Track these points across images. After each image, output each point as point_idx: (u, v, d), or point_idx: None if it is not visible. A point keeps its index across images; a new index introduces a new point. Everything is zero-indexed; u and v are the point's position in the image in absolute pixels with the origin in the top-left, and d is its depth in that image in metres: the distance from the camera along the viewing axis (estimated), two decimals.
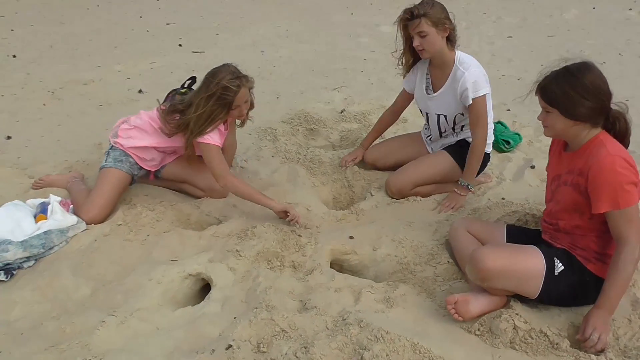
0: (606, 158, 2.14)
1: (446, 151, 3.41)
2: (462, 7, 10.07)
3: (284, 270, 2.69)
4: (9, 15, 8.77)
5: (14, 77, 5.62)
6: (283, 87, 5.45)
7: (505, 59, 6.52)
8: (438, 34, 3.04)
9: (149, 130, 3.20)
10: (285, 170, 3.68)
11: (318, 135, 4.35)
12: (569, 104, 2.18)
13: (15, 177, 3.56)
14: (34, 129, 4.34)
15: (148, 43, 7.20)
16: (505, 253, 2.32)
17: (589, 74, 2.18)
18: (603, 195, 2.15)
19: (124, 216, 3.07)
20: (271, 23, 8.55)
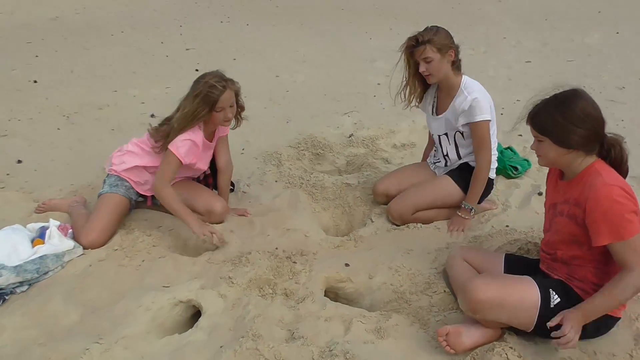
0: (603, 188, 2.07)
1: (448, 175, 3.35)
2: (482, 32, 10.04)
3: (276, 298, 2.64)
4: (35, 41, 9.03)
5: (33, 101, 5.75)
6: (294, 112, 5.46)
7: (521, 84, 6.43)
8: (443, 59, 3.07)
9: (140, 152, 3.25)
10: (287, 196, 3.65)
11: (324, 160, 4.33)
12: (560, 132, 2.13)
13: (21, 200, 3.61)
14: (45, 153, 4.41)
15: (166, 68, 7.32)
16: (498, 284, 2.25)
17: (579, 101, 2.14)
18: (603, 228, 2.07)
19: (121, 241, 3.07)
20: (289, 48, 8.62)
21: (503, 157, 3.93)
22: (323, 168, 4.25)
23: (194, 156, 3.14)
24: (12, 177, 3.97)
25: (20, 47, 8.61)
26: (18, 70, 7.14)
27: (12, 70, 7.18)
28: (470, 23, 11.10)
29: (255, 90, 6.22)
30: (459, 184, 3.29)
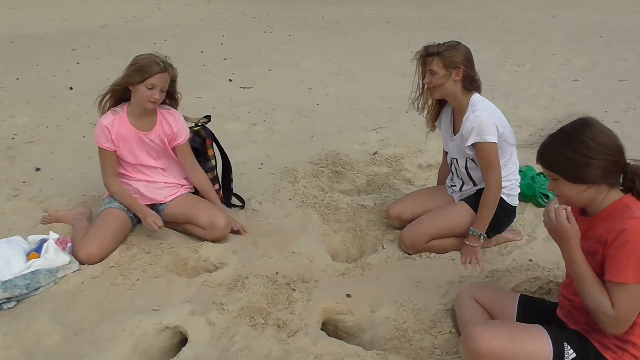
0: (633, 222, 1.80)
1: (465, 202, 3.12)
2: (530, 48, 9.65)
3: (266, 329, 2.46)
4: (80, 48, 9.24)
5: (64, 108, 5.81)
6: (320, 126, 5.30)
7: (565, 104, 6.06)
8: (448, 75, 2.89)
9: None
10: (298, 215, 3.48)
11: (343, 178, 4.14)
12: (572, 168, 1.88)
13: (30, 210, 3.57)
14: (65, 161, 4.40)
15: (200, 77, 7.30)
16: (504, 333, 2.00)
17: (588, 131, 1.88)
18: (631, 262, 1.78)
19: (119, 257, 2.98)
20: (327, 60, 8.49)
21: (534, 183, 3.65)
22: (342, 187, 4.06)
23: (105, 139, 3.10)
24: (28, 185, 3.96)
25: (64, 54, 8.82)
26: (58, 77, 7.29)
27: (52, 76, 7.34)
28: (520, 38, 10.70)
29: (284, 102, 6.12)
30: (476, 211, 3.04)
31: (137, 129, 3.15)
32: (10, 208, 3.59)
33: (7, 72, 7.52)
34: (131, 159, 3.21)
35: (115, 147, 3.14)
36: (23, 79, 7.19)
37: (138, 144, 3.18)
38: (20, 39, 10.38)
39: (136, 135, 3.15)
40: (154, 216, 3.11)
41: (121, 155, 3.18)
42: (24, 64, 8.11)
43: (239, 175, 4.10)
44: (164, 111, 3.21)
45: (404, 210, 3.23)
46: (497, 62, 8.35)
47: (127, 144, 3.16)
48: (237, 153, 4.54)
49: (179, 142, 3.25)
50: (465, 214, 3.03)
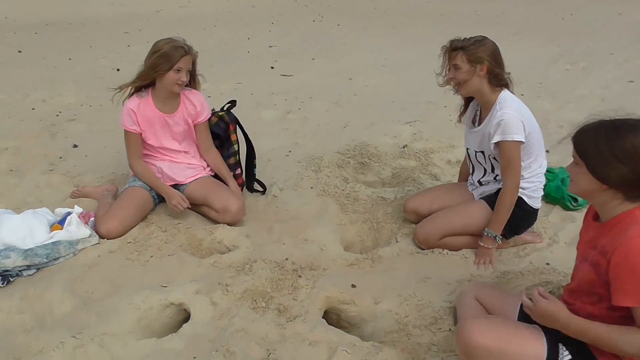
0: (636, 240, 1.69)
1: (484, 200, 3.04)
2: (587, 45, 9.27)
3: (267, 312, 2.49)
4: (133, 32, 9.53)
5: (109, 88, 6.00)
6: (354, 117, 5.27)
7: (615, 106, 5.73)
8: (472, 71, 2.81)
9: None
10: (316, 204, 3.49)
11: (369, 170, 4.11)
12: (598, 162, 1.77)
13: (62, 184, 3.73)
14: (101, 139, 4.56)
15: (244, 64, 7.40)
16: (499, 329, 1.95)
17: (634, 136, 1.74)
18: (629, 286, 1.70)
19: (137, 234, 3.07)
20: (372, 51, 8.43)
21: (564, 185, 3.52)
22: (366, 178, 4.04)
23: (131, 122, 3.18)
24: (64, 160, 4.12)
25: (117, 37, 9.11)
26: (107, 58, 7.54)
27: (102, 58, 7.60)
28: (577, 35, 10.29)
29: (322, 92, 6.13)
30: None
31: (162, 112, 3.22)
32: (45, 182, 3.75)
33: (61, 53, 7.84)
34: (155, 141, 3.29)
35: (141, 130, 3.22)
36: (75, 59, 7.48)
37: (162, 126, 3.26)
38: (79, 21, 10.80)
39: (161, 118, 3.23)
40: (178, 197, 3.18)
41: (145, 137, 3.27)
42: (78, 45, 8.43)
43: (265, 161, 4.15)
44: (186, 92, 3.28)
45: (421, 204, 3.18)
46: (549, 60, 8.07)
47: (152, 126, 3.24)
48: (267, 140, 4.60)
49: (202, 119, 3.32)
50: (482, 212, 2.95)
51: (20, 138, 4.53)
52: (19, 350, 2.25)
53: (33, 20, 10.85)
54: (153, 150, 3.32)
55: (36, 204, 3.37)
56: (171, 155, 3.34)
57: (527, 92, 6.08)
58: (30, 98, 5.71)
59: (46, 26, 10.30)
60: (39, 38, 9.18)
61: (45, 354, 2.19)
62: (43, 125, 4.89)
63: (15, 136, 4.56)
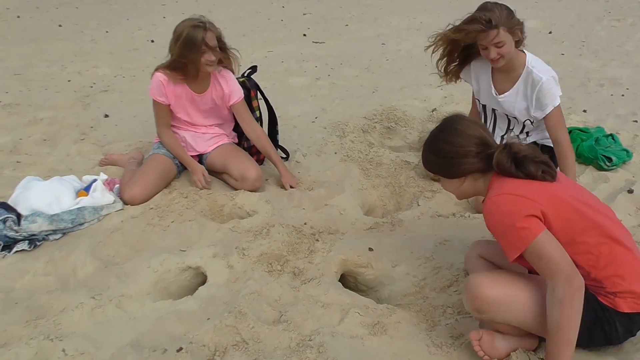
0: (489, 204, 1.86)
1: None
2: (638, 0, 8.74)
3: (282, 275, 2.50)
4: (169, 3, 9.57)
5: (143, 60, 6.08)
6: (385, 81, 5.17)
7: None
8: (513, 40, 2.73)
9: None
10: (339, 169, 3.46)
11: (395, 134, 4.04)
12: (443, 168, 2.05)
13: (92, 153, 3.82)
14: (132, 109, 4.63)
15: (275, 32, 7.34)
16: (506, 280, 1.92)
17: (442, 135, 2.02)
18: (504, 243, 1.83)
19: (159, 200, 3.11)
20: (408, 15, 8.21)
21: (597, 145, 3.38)
22: (392, 143, 3.96)
23: (160, 93, 3.17)
24: (95, 129, 4.22)
25: (154, 9, 9.18)
26: (143, 30, 7.62)
27: (138, 29, 7.68)
28: None
29: (354, 58, 6.03)
30: None
31: (192, 90, 3.22)
32: (75, 150, 3.85)
33: (99, 26, 7.97)
34: (183, 115, 3.30)
35: (169, 102, 3.24)
36: (112, 31, 7.59)
37: (191, 103, 3.26)
38: None
39: (190, 95, 3.23)
40: (200, 173, 3.21)
41: (174, 110, 3.28)
42: (116, 18, 8.55)
43: (291, 128, 4.13)
44: (217, 73, 3.24)
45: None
46: (595, 16, 7.68)
47: (180, 101, 3.24)
48: (294, 106, 4.57)
49: (234, 101, 3.29)
50: None
51: (55, 109, 4.64)
52: (43, 309, 2.33)
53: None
54: (180, 121, 3.34)
55: (66, 172, 3.46)
56: (197, 127, 3.35)
57: (568, 51, 5.82)
58: (67, 70, 5.85)
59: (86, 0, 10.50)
60: (79, 12, 9.35)
61: (66, 314, 2.26)
62: (77, 96, 5.00)
63: (50, 107, 4.68)
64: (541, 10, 8.23)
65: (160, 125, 3.31)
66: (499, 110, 3.02)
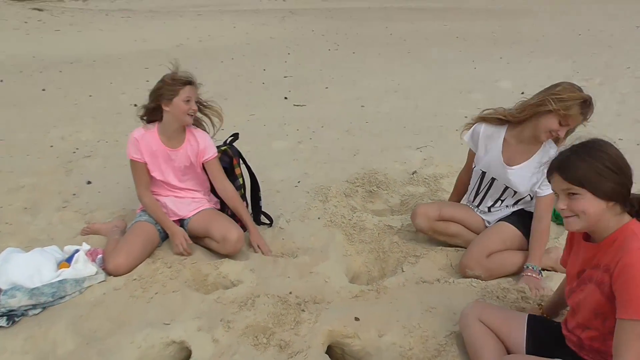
0: (638, 252, 1.71)
1: (504, 221, 3.12)
2: (604, 60, 9.17)
3: (268, 349, 2.47)
4: (152, 67, 9.71)
5: (126, 124, 6.10)
6: (365, 145, 5.27)
7: (631, 120, 5.71)
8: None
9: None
10: (323, 235, 3.48)
11: (377, 197, 4.10)
12: (599, 181, 1.79)
13: (74, 221, 3.79)
14: (115, 175, 4.64)
15: (257, 95, 7.49)
16: None
17: (609, 147, 1.83)
18: (633, 298, 1.69)
19: (143, 271, 3.09)
20: (385, 77, 8.47)
21: None
22: (374, 207, 4.02)
23: (135, 151, 3.24)
24: (77, 197, 4.20)
25: (137, 72, 9.32)
26: (126, 94, 7.71)
27: (121, 94, 7.78)
28: (594, 51, 10.20)
29: (334, 120, 6.15)
30: (520, 228, 3.06)
31: (166, 146, 3.27)
32: (57, 219, 3.82)
33: (83, 90, 8.05)
34: (159, 174, 3.34)
35: (145, 160, 3.28)
36: (95, 96, 7.67)
37: (166, 161, 3.31)
38: (102, 58, 11.10)
39: (165, 151, 3.28)
40: (181, 236, 3.22)
41: (150, 169, 3.32)
42: (100, 82, 8.66)
43: (274, 193, 4.16)
44: (193, 129, 3.33)
45: (430, 208, 3.23)
46: (564, 77, 7.94)
47: (155, 159, 3.29)
48: (277, 171, 4.62)
49: (207, 157, 3.35)
50: (511, 230, 3.05)
51: (37, 175, 4.63)
52: None
53: (58, 59, 11.19)
54: (158, 185, 3.37)
55: (47, 242, 3.42)
56: (175, 191, 3.38)
57: None
58: (49, 135, 5.86)
59: (71, 64, 10.60)
60: (63, 76, 9.44)
61: None
62: (60, 162, 5.00)
63: (32, 173, 4.67)
64: (513, 71, 8.55)
65: (139, 187, 3.33)
66: (499, 180, 3.10)
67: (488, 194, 3.19)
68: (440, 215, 3.20)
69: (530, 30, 13.26)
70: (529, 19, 16.12)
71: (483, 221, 3.23)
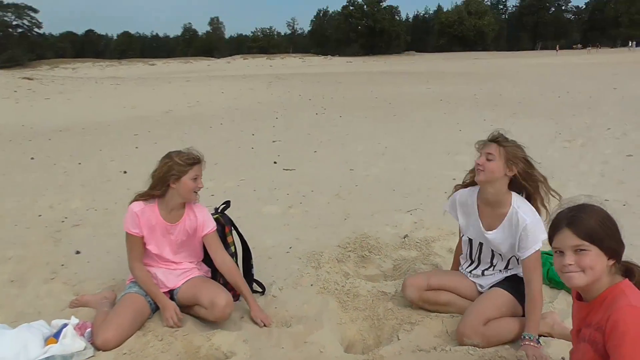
0: (629, 310, 1.75)
1: (498, 287, 3.10)
2: (585, 122, 9.43)
3: None
4: (142, 133, 9.86)
5: (116, 192, 6.14)
6: (356, 208, 5.30)
7: (615, 181, 5.81)
8: (503, 167, 2.90)
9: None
10: (317, 303, 3.44)
11: (370, 262, 4.08)
12: (606, 238, 1.86)
13: (62, 293, 3.72)
14: (104, 244, 4.60)
15: (247, 160, 7.56)
16: None
17: (604, 211, 1.93)
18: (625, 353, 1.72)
19: (133, 344, 3.00)
20: (373, 140, 8.62)
21: None
22: (367, 272, 4.00)
23: (134, 225, 3.19)
24: (66, 267, 4.14)
25: (126, 139, 9.42)
26: (116, 161, 7.76)
27: (111, 161, 7.82)
28: (575, 112, 10.50)
29: (324, 184, 6.20)
30: (513, 294, 3.03)
31: (166, 220, 3.26)
32: (45, 291, 3.75)
33: (72, 158, 8.09)
34: (155, 248, 3.31)
35: (143, 234, 3.25)
36: (85, 163, 7.70)
37: (164, 235, 3.28)
38: (92, 126, 11.22)
39: (163, 225, 3.26)
40: (172, 310, 3.16)
41: (146, 242, 3.29)
42: (89, 149, 8.71)
43: (266, 259, 4.14)
44: (191, 204, 3.32)
45: (419, 278, 3.24)
46: (547, 139, 8.19)
47: (153, 233, 3.27)
48: (268, 236, 4.61)
49: (207, 231, 3.33)
50: (505, 296, 3.01)
51: (25, 246, 4.58)
52: None
53: (48, 127, 11.30)
54: (150, 257, 3.34)
55: (34, 316, 3.35)
56: (167, 263, 3.35)
57: None
58: (38, 204, 5.84)
59: (60, 132, 10.71)
60: (52, 144, 9.51)
61: None
62: (48, 231, 4.96)
63: (20, 244, 4.62)
64: None
65: (132, 259, 3.29)
66: (485, 245, 3.12)
67: (481, 259, 3.21)
68: (428, 284, 3.20)
69: (510, 93, 13.68)
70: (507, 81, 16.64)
71: (475, 286, 3.23)
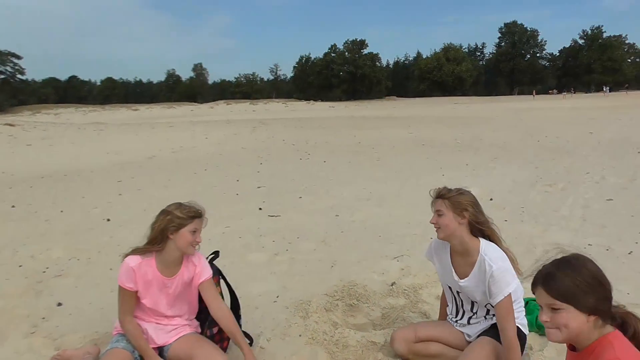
0: None
1: (485, 336, 3.05)
2: (564, 166, 9.61)
3: None
4: (125, 179, 9.80)
5: (98, 240, 6.05)
6: (342, 255, 5.29)
7: (597, 225, 5.89)
8: (455, 218, 2.92)
9: None
10: (306, 354, 3.39)
11: (358, 311, 4.05)
12: (584, 296, 1.85)
13: (43, 348, 3.61)
14: (87, 295, 4.51)
15: (232, 207, 7.54)
16: None
17: (589, 262, 1.93)
18: None
19: None
20: (357, 185, 8.67)
21: None
22: (356, 321, 3.95)
23: (129, 280, 3.08)
24: (47, 321, 4.04)
25: (109, 186, 9.35)
26: (99, 208, 7.68)
27: (94, 208, 7.74)
28: (554, 157, 10.71)
29: (309, 231, 6.19)
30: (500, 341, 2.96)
31: (163, 274, 3.20)
32: (25, 346, 3.64)
33: (54, 205, 8.00)
34: (149, 302, 3.22)
35: (137, 288, 3.17)
36: (67, 211, 7.61)
37: (160, 289, 3.21)
38: (74, 172, 11.14)
39: (160, 280, 3.18)
40: None
41: (141, 296, 3.19)
42: (71, 196, 8.63)
43: (253, 309, 4.08)
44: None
45: (407, 331, 3.23)
46: (528, 183, 8.31)
47: (150, 287, 3.19)
48: (255, 285, 4.56)
49: (204, 278, 3.26)
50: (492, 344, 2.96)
51: (4, 298, 4.46)
52: None
53: (29, 174, 11.19)
54: (144, 309, 3.25)
55: None
56: (160, 318, 3.27)
57: (510, 217, 6.20)
58: (18, 254, 5.72)
59: (42, 179, 10.60)
60: (34, 191, 9.41)
61: None
62: (29, 282, 4.85)
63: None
64: (479, 177, 8.88)
65: (124, 312, 3.17)
66: (462, 293, 3.13)
67: (463, 307, 3.20)
68: (417, 336, 3.19)
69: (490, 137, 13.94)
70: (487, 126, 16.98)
71: (462, 335, 3.21)
